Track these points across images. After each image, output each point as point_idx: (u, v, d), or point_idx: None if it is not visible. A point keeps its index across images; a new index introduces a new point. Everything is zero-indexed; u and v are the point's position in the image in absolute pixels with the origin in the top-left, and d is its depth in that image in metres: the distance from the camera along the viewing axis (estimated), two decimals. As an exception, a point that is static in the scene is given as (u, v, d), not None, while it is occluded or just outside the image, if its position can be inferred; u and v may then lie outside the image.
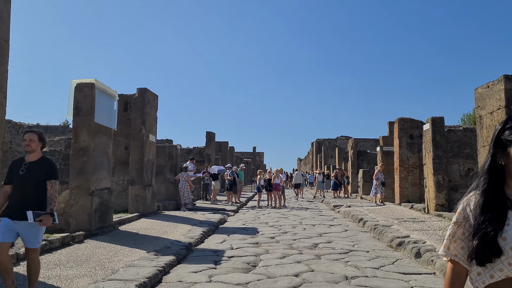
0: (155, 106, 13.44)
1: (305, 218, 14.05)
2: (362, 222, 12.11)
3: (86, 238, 8.15)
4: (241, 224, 12.25)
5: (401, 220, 11.86)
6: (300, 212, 16.15)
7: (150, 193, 12.75)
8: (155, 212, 13.05)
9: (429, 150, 13.26)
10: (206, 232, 10.00)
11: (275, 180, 18.64)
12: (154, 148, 13.56)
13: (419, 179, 16.68)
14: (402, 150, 16.77)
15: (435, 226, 10.39)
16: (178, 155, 16.81)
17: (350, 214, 14.28)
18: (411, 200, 16.55)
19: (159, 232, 9.59)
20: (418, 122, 16.96)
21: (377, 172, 17.66)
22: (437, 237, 8.77)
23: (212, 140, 26.01)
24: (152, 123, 13.18)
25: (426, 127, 13.46)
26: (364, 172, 23.50)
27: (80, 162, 8.67)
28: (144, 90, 12.55)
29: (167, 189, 16.45)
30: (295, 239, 9.31)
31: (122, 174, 13.18)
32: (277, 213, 15.78)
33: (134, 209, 12.21)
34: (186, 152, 26.69)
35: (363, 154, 28.11)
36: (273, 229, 11.05)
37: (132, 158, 12.45)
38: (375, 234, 10.13)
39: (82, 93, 8.80)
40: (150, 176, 13.06)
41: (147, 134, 12.71)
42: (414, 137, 16.89)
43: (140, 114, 12.50)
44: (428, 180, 13.39)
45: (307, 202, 23.19)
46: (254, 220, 13.31)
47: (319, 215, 15.32)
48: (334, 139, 58.36)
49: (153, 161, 13.41)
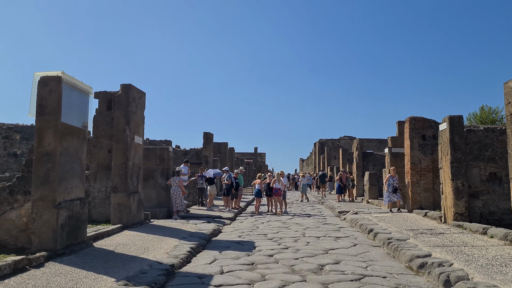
0: (141, 104, 12.14)
1: (308, 228, 12.72)
2: (373, 233, 10.78)
3: (49, 260, 6.85)
4: (236, 236, 10.94)
5: (417, 232, 10.52)
6: (302, 220, 14.82)
7: (135, 202, 11.44)
8: (141, 222, 11.74)
9: (447, 152, 11.92)
10: (195, 248, 8.68)
11: (275, 185, 17.32)
12: (141, 151, 12.26)
13: (432, 183, 15.34)
14: (413, 152, 15.42)
15: (457, 241, 9.05)
16: (170, 158, 15.50)
17: (358, 223, 12.95)
18: (424, 206, 15.20)
19: (139, 249, 8.27)
20: (431, 122, 15.62)
21: (389, 177, 16.31)
22: (464, 256, 7.43)
23: (210, 141, 24.70)
24: (138, 123, 11.88)
25: (443, 127, 12.12)
26: (370, 175, 22.16)
27: (44, 169, 7.37)
28: (129, 86, 11.25)
29: (158, 195, 15.15)
30: (297, 258, 7.98)
31: (105, 180, 11.88)
32: (278, 221, 14.45)
33: (116, 219, 10.91)
34: (182, 154, 25.43)
35: (369, 155, 26.75)
36: (272, 243, 9.72)
37: (114, 162, 11.15)
38: (389, 250, 8.80)
39: (47, 87, 7.50)
40: (136, 182, 11.76)
41: (132, 136, 11.41)
42: (426, 137, 15.54)
43: (124, 113, 11.19)
44: (445, 186, 12.04)
45: (309, 206, 21.85)
46: (252, 231, 11.99)
47: (323, 223, 13.99)
48: (337, 140, 56.98)
49: (140, 165, 12.11)
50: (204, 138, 24.49)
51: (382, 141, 52.22)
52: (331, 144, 53.02)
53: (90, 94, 8.61)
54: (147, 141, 34.91)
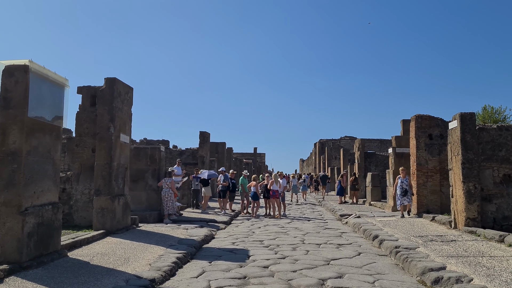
0: (128, 100, 11.27)
1: (308, 233, 11.84)
2: (378, 240, 9.91)
3: (11, 274, 5.99)
4: (230, 243, 10.06)
5: (426, 239, 9.64)
6: (302, 224, 13.94)
7: (121, 205, 10.57)
8: (127, 228, 10.87)
9: (457, 152, 11.04)
10: (182, 258, 7.81)
11: (273, 186, 16.44)
12: (128, 150, 11.39)
13: (439, 185, 14.46)
14: (419, 152, 14.54)
15: (473, 250, 8.17)
16: (162, 158, 14.63)
17: (361, 228, 12.07)
18: (431, 209, 14.32)
19: (119, 259, 7.40)
20: (438, 120, 14.74)
21: (397, 179, 15.26)
22: (484, 270, 6.56)
23: (207, 140, 23.82)
24: (124, 121, 11.01)
25: (453, 125, 11.24)
26: (373, 176, 21.27)
27: (8, 170, 6.50)
28: (113, 80, 10.38)
29: (148, 198, 14.27)
30: (295, 270, 7.11)
31: (89, 182, 11.01)
32: (275, 226, 13.57)
33: (99, 225, 10.04)
34: (177, 154, 24.56)
35: (371, 156, 25.87)
36: (268, 252, 8.85)
37: (97, 162, 10.28)
38: (397, 260, 7.92)
39: (13, 78, 6.64)
40: (122, 184, 10.89)
41: (117, 134, 10.54)
42: (433, 137, 14.67)
43: (108, 109, 10.32)
44: (456, 189, 11.17)
45: (309, 209, 20.97)
46: (247, 237, 11.11)
47: (324, 228, 13.11)
48: (338, 140, 56.11)
49: (126, 165, 11.23)
50: (200, 137, 23.60)
51: (383, 141, 51.40)
52: (331, 144, 52.16)
53: (65, 86, 7.74)
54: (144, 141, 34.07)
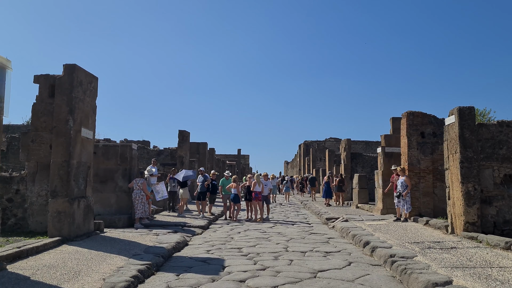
0: (92, 91, 10.07)
1: (292, 239, 10.78)
2: (369, 247, 8.89)
3: None
4: (204, 251, 8.93)
5: (423, 246, 8.66)
6: (286, 229, 12.87)
7: (81, 208, 9.37)
8: (89, 234, 9.66)
9: (455, 150, 10.11)
10: (144, 270, 6.66)
11: (256, 188, 15.36)
12: (91, 146, 10.18)
13: (432, 187, 13.56)
14: (411, 151, 13.62)
15: (478, 259, 7.20)
16: (134, 157, 13.43)
17: (350, 233, 11.06)
18: (423, 213, 13.40)
19: (68, 273, 6.22)
20: (431, 117, 13.85)
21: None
22: (498, 284, 5.57)
23: (186, 139, 22.61)
24: (87, 113, 9.81)
25: (450, 121, 10.32)
26: (360, 177, 20.33)
27: None
28: (73, 67, 9.18)
29: (118, 200, 13.06)
30: (276, 286, 6.03)
31: (46, 182, 9.75)
32: (257, 230, 12.49)
33: (55, 231, 8.82)
34: (155, 154, 23.32)
35: (357, 156, 24.98)
36: (246, 262, 7.75)
37: (54, 160, 9.06)
38: (394, 271, 6.90)
39: None
40: (83, 185, 9.68)
41: (78, 128, 9.34)
42: (426, 135, 13.77)
43: (66, 99, 9.12)
44: (453, 190, 10.23)
45: (294, 212, 19.92)
46: (225, 243, 10.00)
47: (309, 233, 12.07)
48: (322, 141, 55.31)
49: (89, 164, 10.03)
50: (180, 136, 22.37)
51: (369, 143, 50.76)
52: (316, 146, 51.24)
53: (6, 68, 6.54)
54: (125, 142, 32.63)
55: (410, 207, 12.97)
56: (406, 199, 12.93)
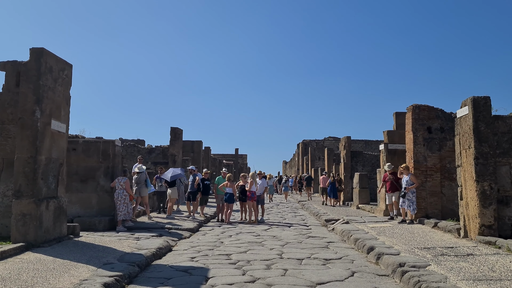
0: (65, 79, 9.05)
1: (287, 243, 9.77)
2: (374, 254, 7.88)
3: None
4: (188, 259, 7.92)
5: (435, 252, 7.65)
6: (281, 232, 11.86)
7: (51, 210, 8.34)
8: (60, 238, 8.63)
9: (468, 145, 9.11)
10: (112, 284, 5.65)
11: (252, 187, 14.35)
12: (64, 141, 9.15)
13: (440, 186, 12.56)
14: (417, 147, 12.62)
15: (502, 269, 6.20)
16: (117, 154, 12.40)
17: (352, 236, 10.06)
18: (430, 214, 12.40)
19: (17, 289, 5.20)
20: (438, 111, 12.86)
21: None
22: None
23: (179, 137, 21.58)
24: (58, 104, 8.78)
25: (463, 112, 9.31)
26: (361, 176, 19.33)
27: None
28: (40, 51, 8.16)
29: (100, 201, 12.02)
30: (267, 304, 5.03)
31: (13, 181, 8.71)
32: (250, 234, 11.47)
33: (20, 235, 7.80)
34: (146, 153, 22.30)
35: (358, 155, 23.98)
36: (233, 272, 6.74)
37: (18, 156, 8.03)
38: (405, 284, 5.91)
39: None
40: (54, 184, 8.65)
41: (47, 120, 8.31)
42: (432, 130, 12.77)
43: (33, 87, 8.09)
44: (467, 190, 9.23)
45: (291, 213, 18.91)
46: (213, 249, 8.98)
47: (307, 236, 11.07)
48: (321, 140, 54.26)
49: (62, 161, 9.00)
50: (172, 134, 21.33)
51: (368, 142, 49.80)
52: (315, 145, 50.29)
53: None
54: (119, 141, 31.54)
55: (416, 208, 11.96)
56: (412, 199, 11.92)
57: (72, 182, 12.00)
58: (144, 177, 13.79)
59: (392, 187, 13.44)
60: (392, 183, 13.47)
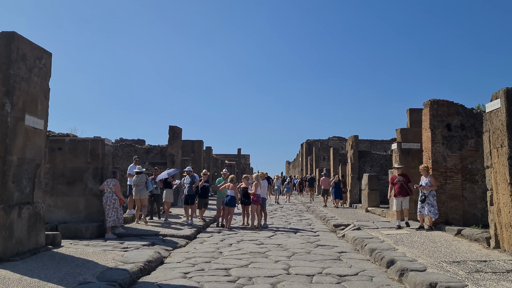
0: (42, 69, 8.00)
1: (295, 254, 8.69)
2: (396, 270, 6.79)
3: None
4: (181, 274, 6.86)
5: (468, 268, 6.55)
6: (287, 240, 10.78)
7: (24, 218, 7.30)
8: (36, 250, 7.57)
9: (501, 143, 8.01)
10: (82, 312, 4.58)
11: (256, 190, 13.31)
12: (42, 140, 8.10)
13: (461, 189, 11.46)
14: (436, 146, 11.52)
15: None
16: (107, 154, 11.36)
17: (366, 246, 8.97)
18: (450, 219, 11.30)
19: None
20: (458, 107, 11.76)
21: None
22: None
23: (177, 136, 20.53)
24: (34, 97, 7.74)
25: (494, 106, 8.21)
26: (370, 177, 18.23)
27: None
28: (11, 36, 7.12)
29: (88, 205, 10.98)
30: None
31: (-17, 184, 7.68)
32: (252, 242, 10.40)
33: (-15, 248, 6.74)
34: (144, 152, 21.26)
35: (366, 154, 22.88)
36: (232, 294, 5.67)
37: (-15, 155, 6.98)
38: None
39: None
40: (29, 188, 7.61)
41: (20, 114, 7.27)
42: (452, 127, 11.67)
43: (2, 77, 7.05)
44: (498, 194, 8.12)
45: (296, 216, 17.83)
46: (210, 261, 7.91)
47: (316, 245, 9.98)
48: (326, 140, 53.12)
49: (39, 161, 7.95)
50: (170, 133, 20.28)
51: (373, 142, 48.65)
52: (319, 145, 49.18)
53: None
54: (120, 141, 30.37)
55: (437, 213, 10.85)
56: (433, 203, 10.79)
57: (57, 184, 11.01)
58: (144, 178, 12.89)
59: (402, 190, 11.79)
60: (402, 186, 11.81)
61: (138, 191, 12.74)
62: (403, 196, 11.81)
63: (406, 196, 11.82)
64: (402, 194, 11.79)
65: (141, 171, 13.02)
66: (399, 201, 11.85)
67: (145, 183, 12.95)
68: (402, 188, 11.82)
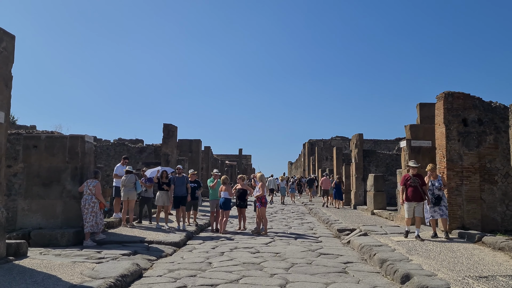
0: (2, 53, 6.97)
1: (294, 265, 7.62)
2: (413, 287, 5.71)
3: None
4: (158, 293, 5.80)
5: (499, 286, 5.47)
6: (286, 247, 9.70)
7: (-23, 226, 6.25)
8: (-7, 263, 6.53)
9: (532, 138, 6.92)
10: None
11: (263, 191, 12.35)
12: (3, 135, 7.06)
13: (479, 190, 10.37)
14: (451, 143, 10.44)
15: None
16: (88, 152, 10.31)
17: (375, 255, 7.89)
18: (467, 224, 10.21)
19: None
20: (475, 100, 10.68)
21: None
22: None
23: (172, 135, 19.46)
24: (-9, 85, 6.70)
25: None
26: (376, 178, 17.15)
27: None
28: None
29: (66, 209, 9.95)
30: None
31: None
32: (247, 250, 9.33)
33: None
34: (137, 152, 20.21)
35: (371, 154, 21.79)
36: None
37: None
38: None
39: None
40: (-15, 190, 6.57)
41: (-29, 105, 6.23)
42: (469, 122, 10.59)
43: (-52, 61, 6.00)
44: (529, 197, 7.02)
45: (297, 219, 16.75)
46: (196, 275, 6.85)
47: (318, 253, 8.90)
48: (328, 140, 52.00)
49: (-1, 160, 6.91)
50: (165, 131, 19.21)
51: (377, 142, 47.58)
52: (322, 145, 48.04)
53: None
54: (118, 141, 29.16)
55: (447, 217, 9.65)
56: (447, 205, 9.65)
57: (32, 186, 9.99)
58: (133, 178, 12.15)
59: (416, 195, 9.86)
60: (417, 189, 9.85)
61: (126, 191, 12.07)
62: (417, 201, 9.88)
63: (420, 201, 9.92)
64: (416, 199, 9.86)
65: (131, 170, 12.33)
66: (412, 206, 9.92)
67: (134, 183, 12.17)
68: (416, 192, 9.88)
